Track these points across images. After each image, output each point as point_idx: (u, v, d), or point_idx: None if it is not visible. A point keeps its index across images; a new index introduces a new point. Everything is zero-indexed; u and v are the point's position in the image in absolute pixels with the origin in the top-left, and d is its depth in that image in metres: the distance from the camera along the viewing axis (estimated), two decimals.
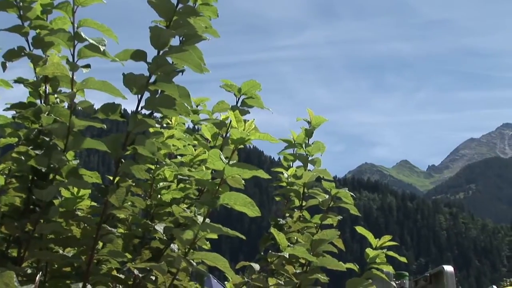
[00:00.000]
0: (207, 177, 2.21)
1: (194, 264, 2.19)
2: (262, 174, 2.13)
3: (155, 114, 2.40)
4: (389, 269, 2.78)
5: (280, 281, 2.58)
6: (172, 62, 2.17)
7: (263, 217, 3.42)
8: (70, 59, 2.10)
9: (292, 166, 3.44)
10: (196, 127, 3.30)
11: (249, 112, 2.69)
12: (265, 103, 2.72)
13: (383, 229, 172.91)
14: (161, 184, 2.80)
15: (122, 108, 2.22)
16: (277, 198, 3.45)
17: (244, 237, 2.16)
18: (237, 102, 2.74)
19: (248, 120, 2.37)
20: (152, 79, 2.12)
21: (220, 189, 2.19)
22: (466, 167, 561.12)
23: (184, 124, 3.34)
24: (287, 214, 3.31)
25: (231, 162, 2.14)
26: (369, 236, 2.73)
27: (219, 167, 2.15)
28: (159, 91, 2.21)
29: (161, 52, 2.08)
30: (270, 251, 2.53)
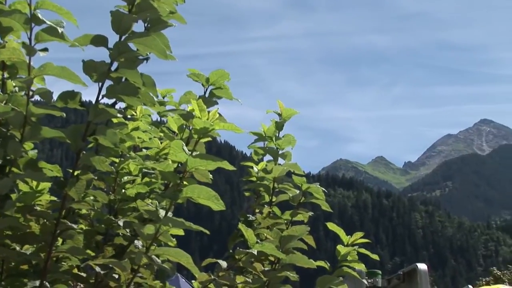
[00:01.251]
0: (169, 169, 2.19)
1: (158, 260, 2.17)
2: (226, 165, 2.12)
3: (120, 105, 2.37)
4: (361, 267, 2.80)
5: (248, 279, 2.57)
6: (137, 50, 2.14)
7: (234, 214, 3.42)
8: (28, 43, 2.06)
9: (263, 160, 3.44)
10: (162, 119, 3.28)
11: (217, 103, 2.68)
12: (237, 96, 2.71)
13: (358, 227, 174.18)
14: (125, 178, 2.77)
15: (87, 99, 2.19)
16: (247, 194, 3.44)
17: (208, 232, 2.14)
18: (204, 93, 2.72)
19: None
20: (115, 67, 2.10)
21: (184, 182, 2.17)
22: (442, 164, 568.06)
23: (150, 116, 3.31)
24: (257, 210, 3.31)
25: (194, 154, 2.12)
26: (341, 232, 2.74)
27: (181, 158, 2.13)
28: (123, 80, 2.19)
29: (123, 38, 2.05)
30: (238, 248, 2.53)
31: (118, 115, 2.41)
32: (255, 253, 2.43)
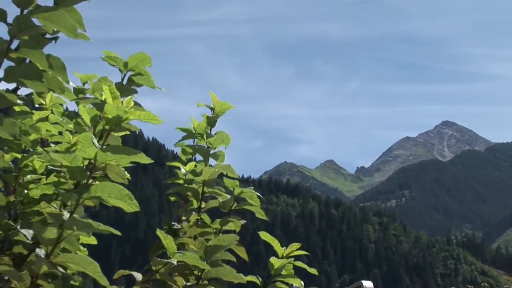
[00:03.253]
0: (77, 162, 2.16)
1: (61, 269, 2.14)
2: (142, 158, 2.10)
3: (27, 92, 2.32)
4: (297, 282, 2.82)
5: None
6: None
7: (162, 222, 3.39)
8: None
9: (193, 161, 3.43)
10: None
11: (136, 92, 2.65)
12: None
13: (303, 240, 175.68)
14: (28, 177, 2.72)
15: None
16: (172, 198, 3.42)
17: (119, 233, 2.12)
18: (122, 79, 2.70)
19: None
20: (15, 45, 2.05)
21: (95, 181, 2.15)
22: (399, 170, 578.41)
23: (62, 105, 3.26)
24: (184, 218, 3.30)
25: (105, 146, 2.10)
26: (274, 243, 2.76)
27: (90, 153, 2.10)
28: (27, 61, 2.15)
29: (25, 11, 2.01)
30: (155, 258, 2.51)
31: (19, 101, 2.35)
32: (175, 263, 2.42)
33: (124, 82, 2.70)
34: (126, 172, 2.41)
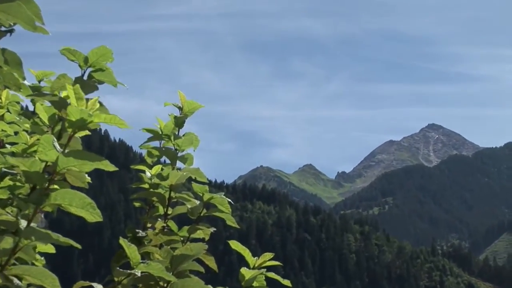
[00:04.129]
0: (35, 168, 2.16)
1: (17, 281, 2.13)
2: (106, 166, 2.11)
3: None
4: None
5: None
6: None
7: (125, 230, 3.38)
8: None
9: (161, 163, 3.43)
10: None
11: (97, 88, 2.64)
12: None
13: (279, 249, 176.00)
14: None
15: None
16: (136, 204, 3.42)
17: (79, 246, 2.12)
18: (82, 75, 2.69)
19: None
20: None
21: (54, 186, 2.14)
22: (382, 176, 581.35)
23: (18, 103, 3.24)
24: (149, 225, 3.30)
25: (67, 151, 2.09)
26: (245, 253, 2.77)
27: (51, 157, 2.10)
28: None
29: None
30: (117, 269, 2.51)
31: None
32: (139, 274, 2.42)
33: (84, 78, 2.68)
34: (87, 175, 2.40)
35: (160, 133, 3.34)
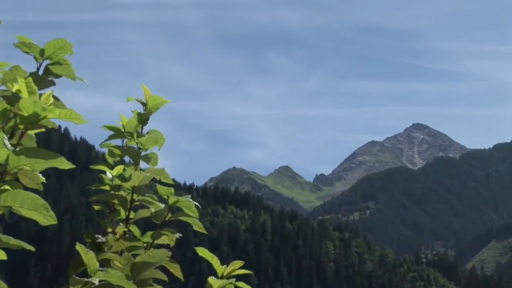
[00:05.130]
0: None
1: None
2: (61, 163, 2.09)
3: None
4: None
5: None
6: None
7: (84, 234, 3.36)
8: None
9: (124, 163, 3.41)
10: None
11: (54, 84, 2.62)
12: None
13: (253, 257, 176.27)
14: None
15: None
16: (96, 207, 3.41)
17: (32, 248, 2.10)
18: (38, 69, 2.66)
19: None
20: None
21: (5, 187, 2.12)
22: (363, 179, 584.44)
23: None
24: (109, 230, 3.28)
25: (18, 149, 2.08)
26: (213, 260, 2.76)
27: (1, 155, 2.08)
28: None
29: None
30: (74, 277, 2.50)
31: None
32: (96, 282, 2.41)
33: (40, 72, 2.66)
34: (41, 175, 2.38)
35: (122, 130, 3.33)
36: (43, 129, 2.31)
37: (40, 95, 2.25)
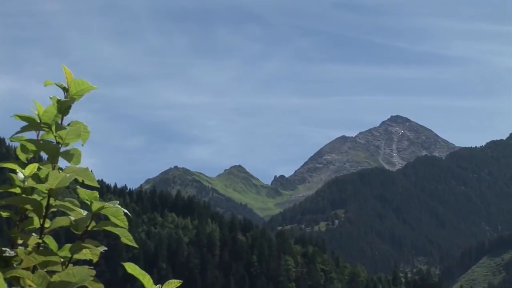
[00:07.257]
0: None
1: None
2: None
3: None
4: None
5: None
6: None
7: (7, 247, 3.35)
8: None
9: (39, 161, 3.41)
10: None
11: None
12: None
13: (198, 275, 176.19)
14: None
15: None
16: (4, 214, 3.39)
17: None
18: None
19: None
20: None
21: None
22: (332, 181, 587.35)
23: None
24: (20, 241, 3.28)
25: None
26: (145, 279, 2.77)
27: None
28: None
29: None
30: None
31: None
32: None
33: None
34: None
35: (38, 121, 3.32)
36: None
37: None
